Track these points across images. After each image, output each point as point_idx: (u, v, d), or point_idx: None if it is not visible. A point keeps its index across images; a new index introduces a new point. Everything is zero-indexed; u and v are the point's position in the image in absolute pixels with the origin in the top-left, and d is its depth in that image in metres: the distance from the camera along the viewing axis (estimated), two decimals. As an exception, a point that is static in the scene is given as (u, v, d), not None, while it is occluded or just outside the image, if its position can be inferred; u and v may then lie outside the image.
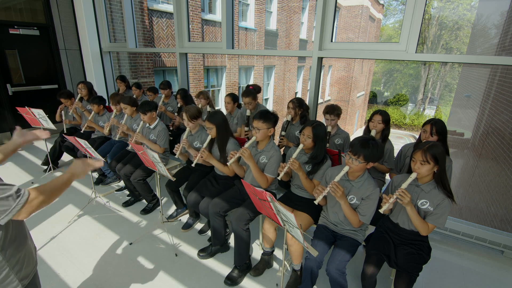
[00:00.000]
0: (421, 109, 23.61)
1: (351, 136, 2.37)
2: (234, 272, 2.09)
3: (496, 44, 6.34)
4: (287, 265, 2.20)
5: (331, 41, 2.84)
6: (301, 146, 1.97)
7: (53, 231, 2.58)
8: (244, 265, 2.11)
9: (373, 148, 1.65)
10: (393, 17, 28.84)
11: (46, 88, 5.09)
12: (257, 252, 2.39)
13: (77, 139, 2.45)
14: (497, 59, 2.58)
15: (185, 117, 2.51)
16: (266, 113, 2.04)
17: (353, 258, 1.79)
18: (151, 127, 2.80)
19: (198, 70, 8.02)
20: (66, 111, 3.79)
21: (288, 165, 1.88)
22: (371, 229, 2.01)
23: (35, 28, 4.82)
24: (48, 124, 3.23)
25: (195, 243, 2.47)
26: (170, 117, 3.93)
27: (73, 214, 2.83)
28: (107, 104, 3.63)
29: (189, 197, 2.40)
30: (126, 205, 3.02)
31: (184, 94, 3.66)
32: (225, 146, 2.33)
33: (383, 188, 2.44)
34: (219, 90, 9.35)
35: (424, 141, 2.04)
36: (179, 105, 3.77)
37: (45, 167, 3.74)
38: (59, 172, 3.73)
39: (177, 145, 2.49)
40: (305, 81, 13.27)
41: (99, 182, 3.48)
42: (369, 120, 2.48)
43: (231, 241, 2.43)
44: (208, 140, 2.33)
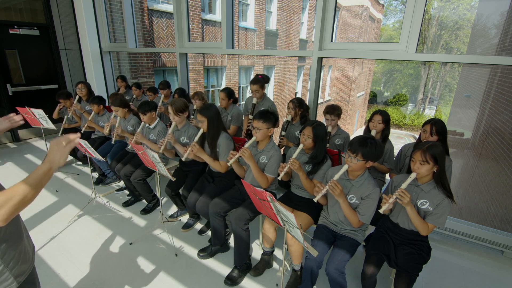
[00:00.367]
0: (421, 109, 23.61)
1: (351, 136, 2.37)
2: (234, 272, 2.09)
3: (496, 44, 6.34)
4: (287, 265, 2.20)
5: (331, 41, 2.84)
6: (301, 146, 1.97)
7: (53, 231, 2.58)
8: (244, 265, 2.12)
9: (371, 146, 1.65)
10: (393, 17, 28.89)
11: (46, 88, 5.09)
12: (257, 252, 2.39)
13: (77, 139, 2.45)
14: (497, 59, 2.57)
15: (170, 111, 2.41)
16: (266, 113, 2.04)
17: (353, 258, 1.79)
18: (151, 127, 2.81)
19: (198, 70, 8.02)
20: (65, 112, 3.78)
21: (288, 165, 1.88)
22: (371, 229, 2.01)
23: (35, 28, 4.82)
24: (48, 124, 3.23)
25: (195, 243, 2.47)
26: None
27: (73, 214, 2.83)
28: (107, 104, 3.63)
29: (190, 198, 2.40)
30: (126, 205, 3.03)
31: (181, 94, 3.65)
32: (216, 141, 2.28)
33: (383, 188, 2.44)
34: (219, 90, 9.36)
35: (424, 141, 2.04)
36: None
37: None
38: (59, 172, 3.73)
39: (161, 139, 2.41)
40: (305, 81, 13.28)
41: (99, 182, 3.48)
42: (369, 120, 2.48)
43: (231, 241, 2.43)
44: (199, 134, 2.27)
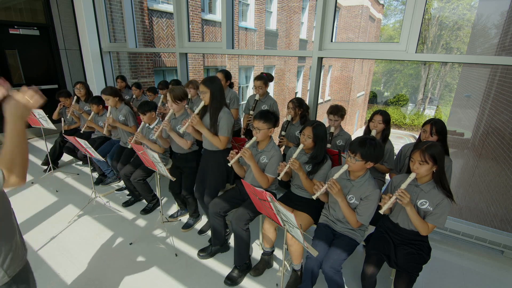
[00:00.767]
0: (421, 109, 23.61)
1: (352, 136, 2.37)
2: (234, 272, 2.09)
3: (496, 44, 6.33)
4: (287, 265, 2.20)
5: (331, 41, 2.84)
6: (301, 146, 1.97)
7: (53, 231, 2.58)
8: (244, 265, 2.12)
9: (370, 146, 1.65)
10: (393, 17, 28.89)
11: (46, 88, 5.09)
12: (257, 252, 2.39)
13: (77, 139, 2.46)
14: (497, 59, 2.57)
15: (169, 98, 2.36)
16: (266, 113, 2.04)
17: (353, 258, 1.79)
18: (151, 127, 2.81)
19: (198, 70, 8.02)
20: (64, 113, 3.78)
21: (288, 165, 1.88)
22: (371, 229, 2.01)
23: (35, 28, 4.83)
24: (48, 124, 3.23)
25: (195, 243, 2.47)
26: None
27: (73, 214, 2.83)
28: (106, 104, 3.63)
29: (196, 195, 2.46)
30: (126, 205, 3.03)
31: (176, 85, 3.64)
32: (218, 114, 2.19)
33: (383, 188, 2.44)
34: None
35: (424, 141, 2.04)
36: None
37: (45, 167, 3.74)
38: (59, 172, 3.73)
39: (156, 126, 2.35)
40: (305, 81, 13.27)
41: (99, 182, 3.48)
42: (370, 120, 2.47)
43: (231, 241, 2.43)
44: (200, 106, 2.20)
